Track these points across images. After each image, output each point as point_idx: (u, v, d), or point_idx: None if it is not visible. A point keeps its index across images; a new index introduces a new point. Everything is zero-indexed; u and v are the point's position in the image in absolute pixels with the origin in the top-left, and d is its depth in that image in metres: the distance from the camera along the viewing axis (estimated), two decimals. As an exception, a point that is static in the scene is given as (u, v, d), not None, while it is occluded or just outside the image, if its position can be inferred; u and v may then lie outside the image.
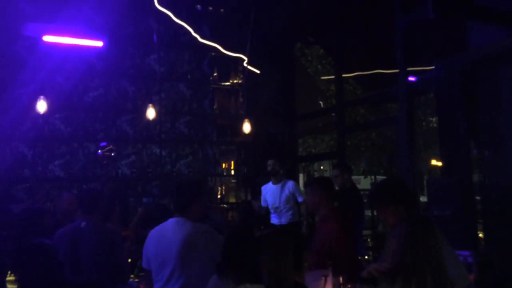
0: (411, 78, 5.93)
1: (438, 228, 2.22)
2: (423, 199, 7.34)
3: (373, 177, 12.49)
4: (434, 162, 11.88)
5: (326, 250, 3.18)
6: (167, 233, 2.89)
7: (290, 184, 5.93)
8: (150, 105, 6.61)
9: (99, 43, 6.71)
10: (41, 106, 5.74)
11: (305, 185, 3.80)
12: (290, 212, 5.88)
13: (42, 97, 5.74)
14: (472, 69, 5.30)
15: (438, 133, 6.20)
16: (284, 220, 5.87)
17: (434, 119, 10.16)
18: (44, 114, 5.98)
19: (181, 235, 2.83)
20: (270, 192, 6.00)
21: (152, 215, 5.22)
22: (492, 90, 5.14)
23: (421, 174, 11.18)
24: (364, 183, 13.34)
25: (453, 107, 5.40)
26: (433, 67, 5.83)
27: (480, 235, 5.33)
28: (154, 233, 2.96)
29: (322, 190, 3.45)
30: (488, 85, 5.20)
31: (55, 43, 6.45)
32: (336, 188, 5.07)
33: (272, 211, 6.00)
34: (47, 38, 6.35)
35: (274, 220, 6.00)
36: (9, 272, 3.67)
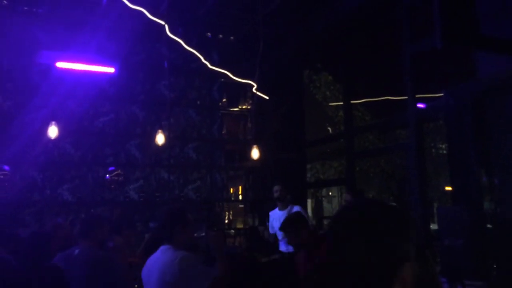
0: (420, 105, 5.94)
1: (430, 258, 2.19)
2: (434, 226, 7.22)
3: (382, 203, 12.35)
4: (444, 189, 11.75)
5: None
6: (153, 261, 2.82)
7: (296, 209, 5.86)
8: (160, 130, 6.65)
9: (111, 70, 6.84)
10: (53, 131, 5.80)
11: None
12: (298, 239, 5.80)
13: (53, 122, 5.81)
14: (482, 96, 5.30)
15: (448, 160, 6.15)
16: (291, 248, 5.79)
17: (443, 146, 10.10)
18: (54, 138, 6.05)
19: (159, 264, 2.72)
20: (276, 219, 5.93)
21: (152, 241, 5.19)
22: (502, 118, 5.12)
23: (431, 201, 11.04)
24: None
25: (463, 134, 5.37)
26: (441, 94, 5.84)
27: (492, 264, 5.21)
28: (147, 261, 2.90)
29: (304, 228, 3.72)
30: (498, 112, 5.18)
31: (68, 69, 6.59)
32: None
33: (280, 237, 5.92)
34: (60, 65, 6.48)
35: (282, 247, 5.91)
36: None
